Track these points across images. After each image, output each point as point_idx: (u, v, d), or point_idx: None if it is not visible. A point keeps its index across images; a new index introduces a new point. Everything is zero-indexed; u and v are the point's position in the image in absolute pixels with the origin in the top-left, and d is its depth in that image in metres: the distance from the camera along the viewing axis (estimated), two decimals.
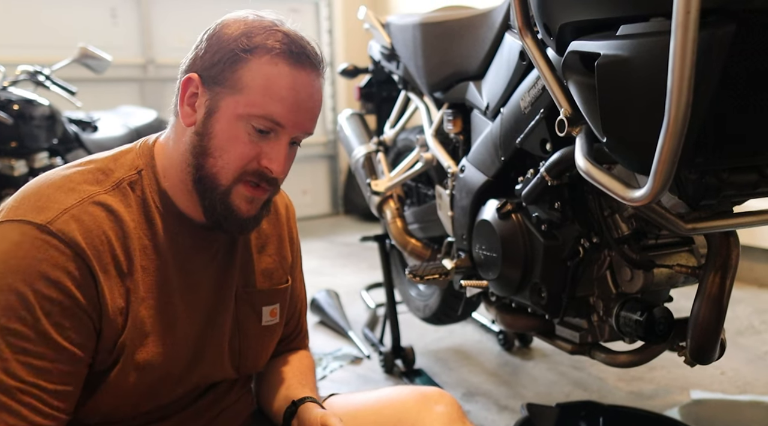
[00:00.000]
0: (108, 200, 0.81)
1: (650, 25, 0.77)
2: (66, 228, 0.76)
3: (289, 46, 0.80)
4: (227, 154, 0.80)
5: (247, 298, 0.96)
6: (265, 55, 0.78)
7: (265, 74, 0.78)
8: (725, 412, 1.71)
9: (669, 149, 0.70)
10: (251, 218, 0.86)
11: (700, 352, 1.04)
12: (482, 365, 2.05)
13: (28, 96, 2.40)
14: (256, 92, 0.78)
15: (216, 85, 0.80)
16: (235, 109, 0.79)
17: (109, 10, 4.06)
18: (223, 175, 0.81)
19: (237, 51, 0.79)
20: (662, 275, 1.14)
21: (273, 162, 0.82)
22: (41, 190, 0.79)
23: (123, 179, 0.83)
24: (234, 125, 0.80)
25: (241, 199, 0.83)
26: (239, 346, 0.96)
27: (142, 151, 0.87)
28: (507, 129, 1.30)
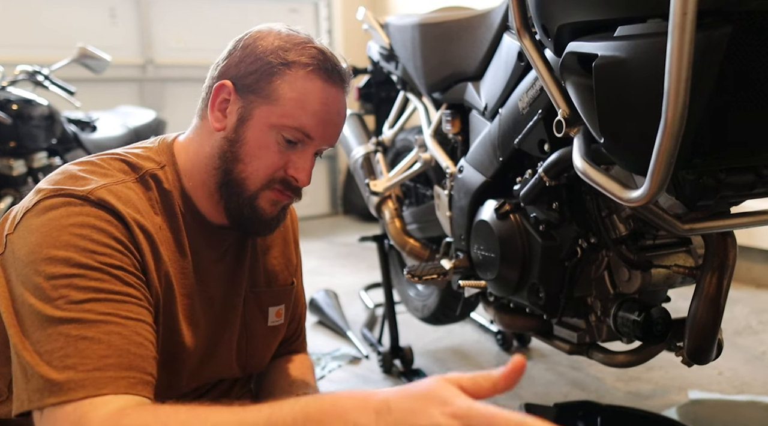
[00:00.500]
0: (137, 188, 0.83)
1: (647, 26, 0.78)
2: (107, 197, 0.77)
3: (324, 63, 0.84)
4: (257, 161, 0.84)
5: (254, 299, 0.97)
6: (301, 70, 0.83)
7: (300, 88, 0.82)
8: (723, 412, 1.71)
9: (666, 150, 0.70)
10: (274, 218, 0.89)
11: (697, 352, 1.04)
12: (481, 365, 2.05)
13: (27, 96, 2.40)
14: (291, 104, 0.82)
15: (250, 94, 0.83)
16: (268, 118, 0.83)
17: (108, 10, 4.06)
18: (251, 181, 0.85)
19: (274, 63, 0.82)
20: (660, 276, 1.14)
21: (300, 172, 0.85)
22: (74, 173, 0.80)
23: (148, 171, 0.85)
24: (266, 134, 0.83)
25: (267, 203, 0.87)
26: (246, 346, 0.97)
27: (162, 149, 0.89)
28: (505, 130, 1.30)
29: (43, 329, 0.70)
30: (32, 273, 0.72)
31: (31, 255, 0.73)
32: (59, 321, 0.69)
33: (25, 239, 0.75)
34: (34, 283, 0.72)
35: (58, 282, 0.71)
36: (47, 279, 0.71)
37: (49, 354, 0.68)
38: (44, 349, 0.69)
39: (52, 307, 0.70)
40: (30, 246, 0.74)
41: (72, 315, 0.70)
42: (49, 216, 0.75)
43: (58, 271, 0.72)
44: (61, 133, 2.58)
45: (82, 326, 0.69)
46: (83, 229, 0.74)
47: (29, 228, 0.75)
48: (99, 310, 0.71)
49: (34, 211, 0.76)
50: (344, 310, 2.52)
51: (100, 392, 0.67)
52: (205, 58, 4.61)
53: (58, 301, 0.70)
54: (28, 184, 2.40)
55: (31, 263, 0.73)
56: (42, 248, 0.73)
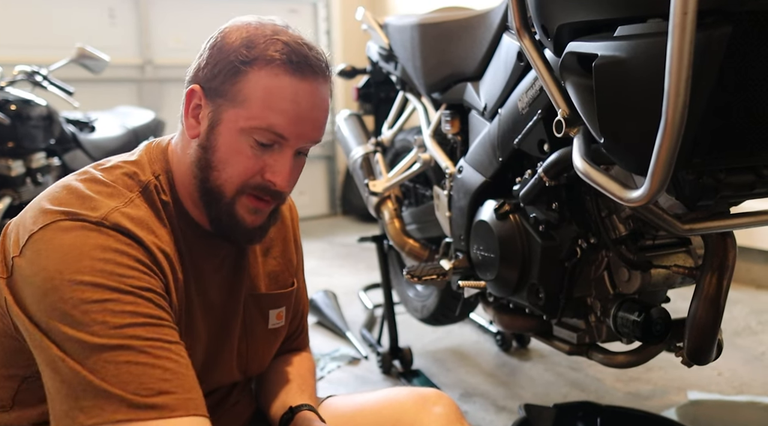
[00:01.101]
0: (143, 205, 0.80)
1: (647, 26, 0.77)
2: (122, 222, 0.75)
3: (289, 56, 0.78)
4: (230, 168, 0.80)
5: (254, 302, 0.96)
6: (264, 67, 0.77)
7: (264, 86, 0.77)
8: (722, 412, 1.71)
9: (666, 150, 0.70)
10: (257, 228, 0.85)
11: (697, 352, 1.04)
12: (480, 366, 2.05)
13: (25, 96, 2.39)
14: (257, 105, 0.77)
15: (218, 98, 0.79)
16: (236, 122, 0.78)
17: (107, 11, 4.06)
18: (226, 188, 0.81)
19: (236, 63, 0.77)
20: (659, 276, 1.14)
21: (277, 175, 0.81)
22: (80, 192, 0.77)
23: (148, 183, 0.83)
24: (236, 139, 0.79)
25: (245, 211, 0.83)
26: (247, 350, 0.96)
27: (157, 156, 0.86)
28: (505, 130, 1.30)
29: (84, 358, 0.68)
30: (56, 301, 0.69)
31: (50, 281, 0.69)
32: (101, 348, 0.68)
33: (37, 264, 0.71)
34: (61, 310, 0.69)
35: (90, 307, 0.68)
36: (76, 305, 0.68)
37: (101, 379, 0.67)
38: (94, 374, 0.67)
39: (88, 334, 0.68)
40: (47, 272, 0.70)
41: (115, 342, 0.68)
42: (63, 241, 0.71)
43: (88, 296, 0.69)
44: (60, 134, 2.57)
45: (129, 353, 0.68)
46: (106, 252, 0.72)
47: (40, 252, 0.71)
48: (142, 336, 0.69)
49: (43, 234, 0.72)
50: (343, 310, 2.52)
51: (173, 414, 0.67)
52: None
53: (93, 327, 0.68)
54: (26, 184, 2.40)
55: (52, 290, 0.69)
56: (63, 274, 0.69)
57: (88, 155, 2.76)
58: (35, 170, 2.44)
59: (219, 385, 0.95)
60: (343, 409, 0.97)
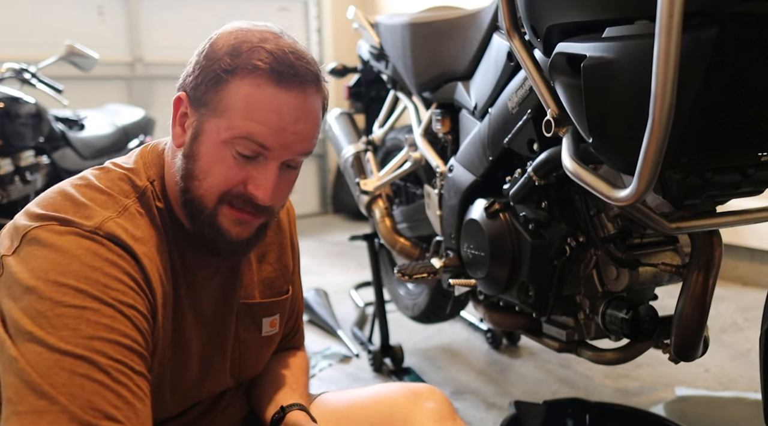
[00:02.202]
0: (137, 212, 0.79)
1: (635, 27, 0.78)
2: (117, 232, 0.73)
3: (272, 65, 0.74)
4: (211, 177, 0.77)
5: (247, 311, 0.94)
6: (246, 76, 0.74)
7: (245, 96, 0.74)
8: (709, 408, 1.73)
9: (653, 149, 0.71)
10: (243, 242, 0.82)
11: (683, 349, 1.05)
12: (470, 363, 2.06)
13: (13, 94, 2.37)
14: (237, 115, 0.74)
15: (201, 107, 0.77)
16: (218, 132, 0.76)
17: (96, 8, 4.03)
18: (207, 198, 0.78)
19: (219, 71, 0.75)
20: (647, 274, 1.15)
21: (259, 188, 0.77)
22: (73, 197, 0.75)
23: (145, 188, 0.81)
24: (219, 149, 0.76)
25: (228, 222, 0.79)
26: (240, 358, 0.95)
27: (152, 160, 0.84)
28: (495, 129, 1.31)
29: (41, 360, 0.64)
30: (34, 299, 0.67)
31: (35, 280, 0.68)
32: (62, 353, 0.65)
33: (27, 263, 0.69)
34: (36, 309, 0.66)
35: (66, 311, 0.66)
36: (53, 307, 0.66)
37: (50, 384, 0.63)
38: (44, 379, 0.64)
39: (55, 338, 0.65)
40: (34, 271, 0.68)
41: (80, 351, 0.65)
42: (55, 243, 0.70)
43: (67, 300, 0.67)
44: (49, 132, 2.56)
45: (89, 367, 0.65)
46: (96, 260, 0.70)
47: (32, 253, 0.70)
48: (109, 354, 0.66)
49: (37, 233, 0.71)
50: (334, 309, 2.52)
51: None
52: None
53: (63, 331, 0.65)
54: (15, 183, 2.38)
55: (33, 289, 0.67)
56: (48, 274, 0.68)
57: (78, 153, 2.74)
58: (24, 168, 2.42)
59: (211, 393, 0.94)
60: (336, 405, 0.97)
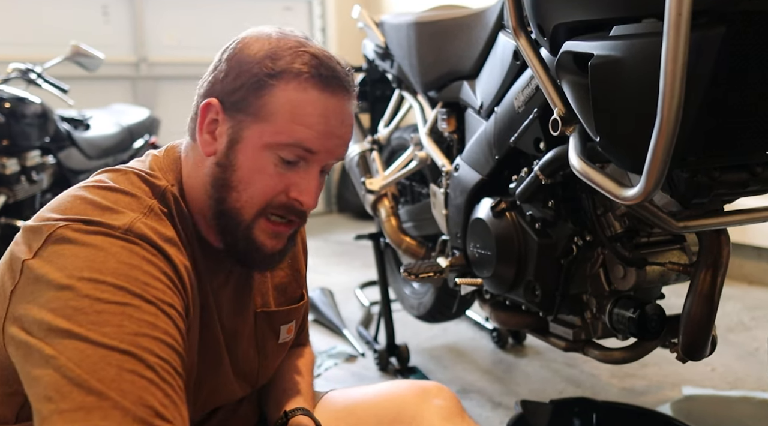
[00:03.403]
0: (161, 213, 0.75)
1: (642, 26, 0.78)
2: (148, 233, 0.70)
3: (318, 69, 0.74)
4: (252, 188, 0.75)
5: (266, 319, 0.92)
6: (292, 80, 0.73)
7: (292, 101, 0.73)
8: (716, 407, 1.73)
9: (661, 148, 0.71)
10: (276, 253, 0.80)
11: (691, 348, 1.05)
12: (476, 363, 2.06)
13: (19, 94, 2.39)
14: (284, 119, 0.73)
15: (239, 113, 0.74)
16: (260, 138, 0.74)
17: (101, 8, 4.05)
18: (246, 210, 0.76)
19: (261, 76, 0.73)
20: (654, 273, 1.15)
21: (303, 193, 0.77)
22: (96, 201, 0.71)
23: (166, 189, 0.78)
24: (260, 156, 0.74)
25: (265, 235, 0.78)
26: (259, 366, 0.93)
27: (169, 165, 0.81)
28: (501, 128, 1.31)
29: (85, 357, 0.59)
30: (70, 298, 0.62)
31: (68, 279, 0.63)
32: (108, 348, 0.60)
33: (55, 262, 0.65)
34: (72, 307, 0.62)
35: (108, 308, 0.62)
36: (92, 303, 0.62)
37: (97, 380, 0.59)
38: (90, 374, 0.59)
39: (98, 334, 0.60)
40: (65, 270, 0.64)
41: (125, 347, 0.61)
42: (87, 241, 0.66)
43: (107, 297, 0.63)
44: (54, 132, 2.57)
45: (138, 363, 0.61)
46: (132, 258, 0.66)
47: (59, 252, 0.65)
48: (155, 352, 0.62)
49: (61, 234, 0.66)
50: (340, 308, 2.52)
51: None
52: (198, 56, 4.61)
53: (106, 328, 0.61)
54: (21, 182, 2.39)
55: (67, 287, 0.63)
56: (83, 272, 0.63)
57: (83, 153, 2.75)
58: (30, 168, 2.43)
59: (228, 401, 0.92)
60: (343, 402, 0.97)
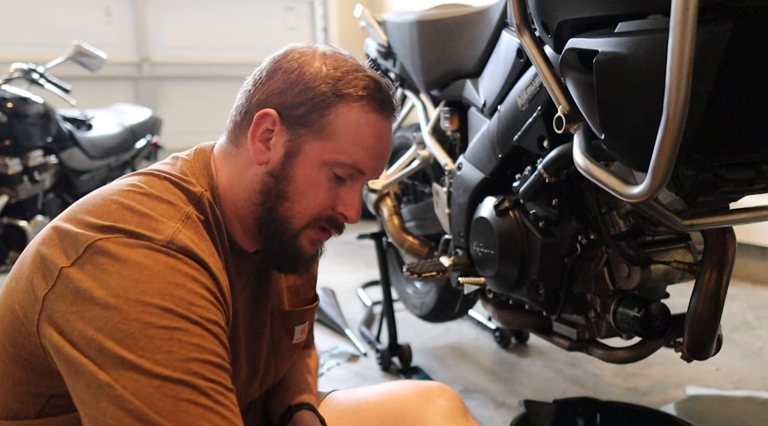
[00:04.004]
0: (201, 217, 0.76)
1: (648, 22, 0.78)
2: (188, 245, 0.70)
3: (377, 93, 0.78)
4: (305, 200, 0.78)
5: (281, 319, 0.94)
6: (356, 102, 0.77)
7: (355, 122, 0.77)
8: (720, 407, 1.72)
9: (667, 146, 0.70)
10: (312, 257, 0.84)
11: (697, 347, 1.04)
12: (479, 362, 2.05)
13: (22, 94, 2.39)
14: (346, 140, 0.77)
15: (300, 127, 0.77)
16: (321, 154, 0.77)
17: (103, 9, 4.05)
18: (297, 220, 0.79)
19: (328, 94, 0.76)
20: (659, 271, 1.14)
21: (350, 209, 0.81)
22: (133, 207, 0.71)
23: (202, 195, 0.78)
24: (317, 171, 0.78)
25: (307, 242, 0.81)
26: (275, 367, 0.94)
27: (200, 170, 0.81)
28: (504, 126, 1.30)
29: (140, 386, 0.62)
30: (118, 321, 0.63)
31: (114, 299, 0.64)
32: (162, 379, 0.62)
33: (99, 279, 0.65)
34: (121, 331, 0.63)
35: (157, 333, 0.63)
36: (141, 328, 0.63)
37: (156, 412, 0.61)
38: (149, 407, 0.61)
39: (150, 363, 0.62)
40: (110, 288, 0.64)
41: (178, 375, 0.63)
42: (130, 257, 0.66)
43: (155, 321, 0.64)
44: (57, 132, 2.57)
45: (192, 391, 0.63)
46: (176, 276, 0.67)
47: (103, 268, 0.66)
48: (206, 376, 0.64)
49: (105, 245, 0.66)
50: (342, 308, 2.52)
51: None
52: (200, 56, 4.62)
53: (157, 355, 0.63)
54: (23, 182, 2.39)
55: (114, 308, 0.64)
56: (129, 292, 0.64)
57: (85, 153, 2.75)
58: (32, 168, 2.43)
59: (249, 402, 0.93)
60: (346, 403, 0.97)
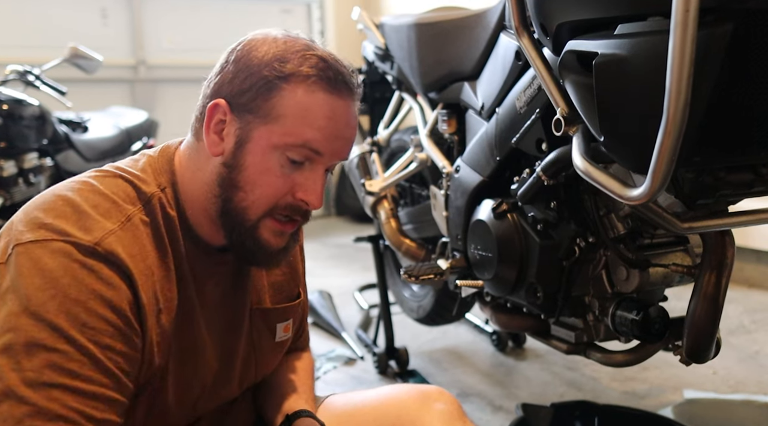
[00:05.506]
0: (145, 220, 0.76)
1: (648, 24, 0.77)
2: (116, 249, 0.71)
3: (325, 72, 0.76)
4: (259, 188, 0.77)
5: (261, 316, 0.93)
6: (301, 83, 0.75)
7: (301, 102, 0.75)
8: (717, 410, 1.72)
9: (667, 148, 0.70)
10: (281, 250, 0.82)
11: (696, 350, 1.04)
12: (476, 366, 2.05)
13: (17, 96, 2.37)
14: (293, 121, 0.75)
15: (248, 114, 0.76)
16: (269, 139, 0.76)
17: (99, 11, 4.04)
18: (252, 210, 0.78)
19: (270, 78, 0.75)
20: (658, 274, 1.14)
21: (309, 194, 0.78)
22: (77, 208, 0.72)
23: (153, 195, 0.78)
24: (268, 156, 0.76)
25: (269, 233, 0.80)
26: (255, 365, 0.93)
27: (163, 166, 0.82)
28: (502, 129, 1.30)
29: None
30: (11, 325, 0.66)
31: (19, 306, 0.67)
32: (18, 398, 0.64)
33: (14, 282, 0.68)
34: (8, 338, 0.66)
35: (37, 351, 0.66)
36: (27, 342, 0.66)
37: None
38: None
39: (18, 379, 0.65)
40: (18, 294, 0.67)
41: (34, 399, 0.65)
42: (46, 266, 0.68)
43: (42, 338, 0.66)
44: (52, 134, 2.55)
45: (38, 416, 0.65)
46: (82, 293, 0.68)
47: (21, 271, 0.68)
48: (65, 403, 0.66)
49: (29, 249, 0.69)
50: (338, 311, 2.51)
51: None
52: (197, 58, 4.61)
53: (27, 372, 0.65)
54: (18, 185, 2.37)
55: (14, 316, 0.67)
56: (30, 303, 0.67)
57: (81, 155, 2.74)
58: (27, 171, 2.41)
59: (224, 401, 0.92)
60: (344, 407, 0.96)
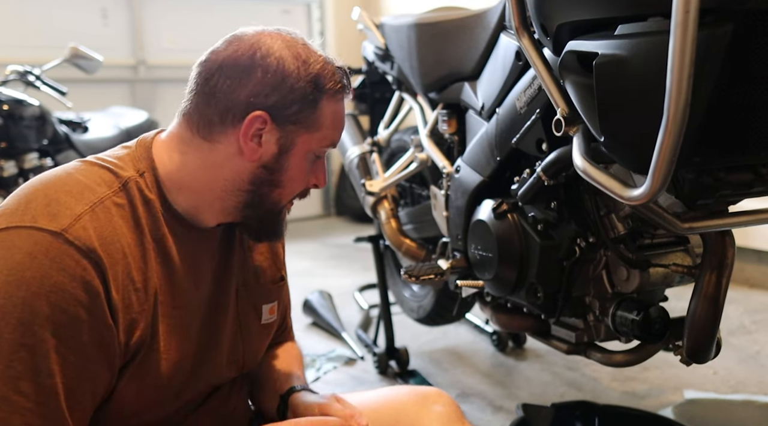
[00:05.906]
0: (119, 202, 0.78)
1: (648, 24, 0.78)
2: (83, 235, 0.73)
3: (344, 83, 0.87)
4: (295, 183, 0.88)
5: (247, 296, 0.96)
6: (333, 96, 0.86)
7: (333, 112, 0.86)
8: (718, 411, 1.72)
9: (668, 148, 0.70)
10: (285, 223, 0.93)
11: (696, 350, 1.04)
12: (476, 366, 2.05)
13: (18, 96, 2.37)
14: (327, 127, 0.86)
15: (290, 124, 0.83)
16: (309, 144, 0.86)
17: (99, 11, 4.04)
18: (283, 200, 0.89)
19: (314, 95, 0.84)
20: (658, 275, 1.14)
21: (321, 179, 0.91)
22: (48, 194, 0.75)
23: (130, 179, 0.81)
24: (305, 158, 0.87)
25: (284, 213, 0.92)
26: (243, 345, 0.95)
27: (141, 154, 0.85)
28: (502, 129, 1.30)
29: None
30: None
31: None
32: None
33: None
34: None
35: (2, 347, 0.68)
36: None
37: None
38: None
39: None
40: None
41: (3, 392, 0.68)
42: (15, 257, 0.70)
43: (7, 333, 0.68)
44: (53, 134, 2.55)
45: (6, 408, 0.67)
46: (45, 281, 0.69)
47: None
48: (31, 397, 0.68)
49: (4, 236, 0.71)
50: (338, 311, 2.51)
51: None
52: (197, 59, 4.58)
53: None
54: (19, 185, 2.36)
55: None
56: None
57: (81, 156, 2.73)
58: (28, 171, 2.41)
59: (211, 382, 0.93)
60: None
